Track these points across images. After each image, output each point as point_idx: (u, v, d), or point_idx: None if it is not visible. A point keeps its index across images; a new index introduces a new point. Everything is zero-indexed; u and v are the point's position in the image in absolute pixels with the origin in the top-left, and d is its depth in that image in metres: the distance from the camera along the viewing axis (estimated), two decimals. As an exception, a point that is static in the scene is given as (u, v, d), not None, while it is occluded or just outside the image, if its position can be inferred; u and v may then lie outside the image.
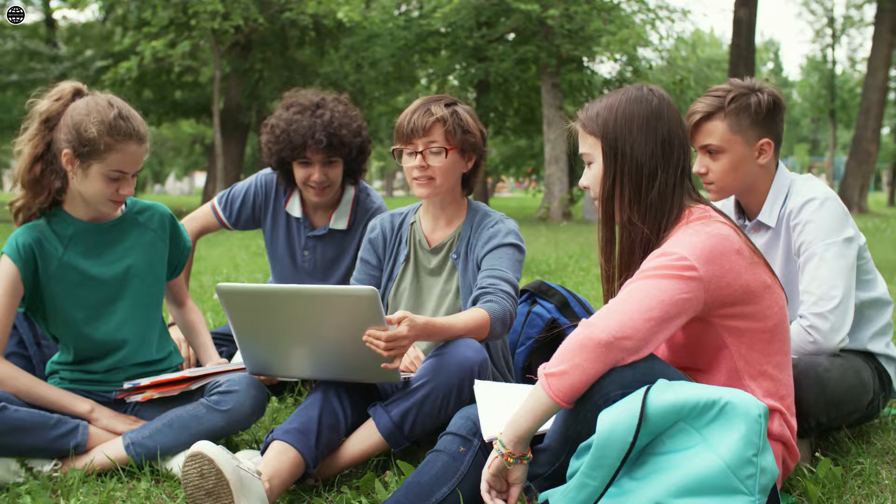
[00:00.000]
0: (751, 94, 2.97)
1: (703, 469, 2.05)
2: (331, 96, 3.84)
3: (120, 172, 2.85)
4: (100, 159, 2.81)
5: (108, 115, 2.81)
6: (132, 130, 2.84)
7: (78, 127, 2.80)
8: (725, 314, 2.31)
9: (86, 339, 2.98)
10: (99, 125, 2.79)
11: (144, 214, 3.11)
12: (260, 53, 23.04)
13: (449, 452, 2.49)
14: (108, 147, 2.80)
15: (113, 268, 3.01)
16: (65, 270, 2.94)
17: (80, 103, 2.85)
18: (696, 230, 2.30)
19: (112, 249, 3.02)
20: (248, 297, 2.69)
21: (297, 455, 2.64)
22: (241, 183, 4.08)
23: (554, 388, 2.16)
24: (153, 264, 3.10)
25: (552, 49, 17.91)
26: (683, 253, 2.23)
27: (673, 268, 2.22)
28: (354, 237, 3.95)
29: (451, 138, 3.04)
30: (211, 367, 3.05)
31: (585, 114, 2.47)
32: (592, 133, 2.44)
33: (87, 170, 2.83)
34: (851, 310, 2.84)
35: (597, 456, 2.10)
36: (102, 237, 3.01)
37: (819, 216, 2.93)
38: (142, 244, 3.08)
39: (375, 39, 20.36)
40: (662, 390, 2.13)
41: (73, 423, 2.87)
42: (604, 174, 2.42)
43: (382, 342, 2.55)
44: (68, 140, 2.81)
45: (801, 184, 3.05)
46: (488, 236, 3.10)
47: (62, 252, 2.94)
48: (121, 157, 2.83)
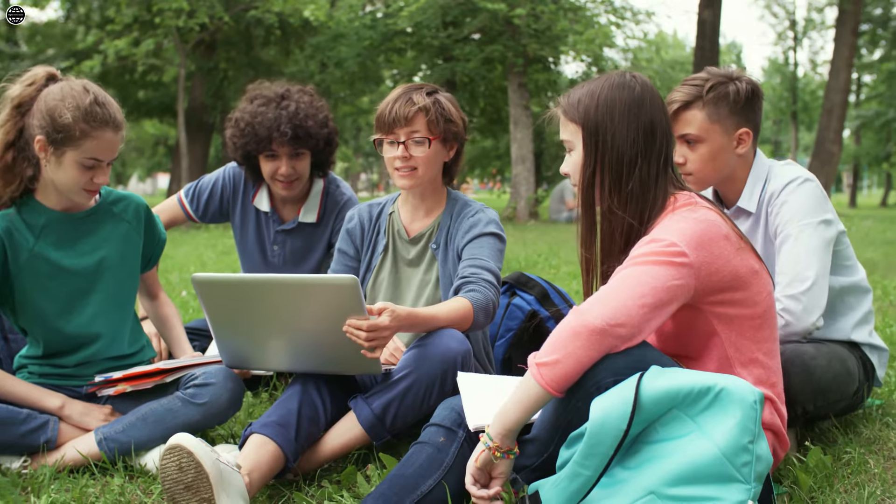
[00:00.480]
0: (729, 83, 2.94)
1: (697, 457, 2.01)
2: (295, 87, 3.76)
3: (95, 160, 2.76)
4: (74, 146, 2.71)
5: (84, 100, 2.71)
6: (108, 117, 2.75)
7: (52, 112, 2.70)
8: (715, 301, 2.27)
9: (56, 332, 2.88)
10: (74, 111, 2.69)
11: (119, 205, 3.02)
12: (224, 53, 22.82)
13: (433, 444, 2.43)
14: (84, 134, 2.70)
15: (85, 259, 2.91)
16: (36, 262, 2.84)
17: (55, 88, 2.76)
18: (683, 216, 2.26)
19: (85, 241, 2.92)
20: (225, 288, 2.61)
21: (277, 448, 2.57)
22: (209, 175, 3.99)
23: (546, 377, 2.11)
24: (127, 257, 3.00)
25: (519, 49, 17.89)
26: (673, 239, 2.19)
27: (663, 254, 2.17)
28: (325, 230, 3.88)
29: (433, 128, 2.98)
30: (186, 360, 2.96)
31: (567, 100, 2.42)
32: (573, 120, 2.39)
33: (61, 157, 2.73)
34: (825, 291, 2.80)
35: (590, 444, 2.05)
36: (75, 228, 2.91)
37: (795, 197, 2.90)
38: (116, 236, 2.98)
39: (341, 39, 20.23)
40: (656, 377, 2.08)
41: (43, 418, 2.78)
42: (584, 162, 2.37)
43: (363, 332, 2.49)
44: (42, 126, 2.71)
45: (779, 168, 3.02)
46: (469, 226, 3.04)
47: (33, 243, 2.84)
48: (96, 145, 2.73)
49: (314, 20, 18.04)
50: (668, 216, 2.29)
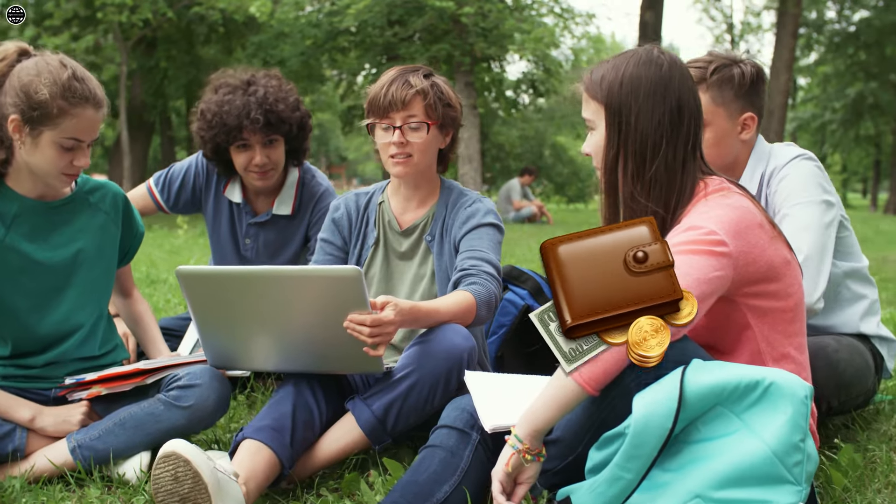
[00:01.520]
0: (733, 66, 2.81)
1: (746, 457, 1.87)
2: (261, 72, 3.54)
3: (75, 140, 2.52)
4: (52, 125, 2.47)
5: (62, 75, 2.48)
6: (88, 93, 2.51)
7: (27, 89, 2.46)
8: (749, 293, 2.12)
9: (27, 330, 2.64)
10: (51, 86, 2.45)
11: (96, 194, 2.78)
12: (165, 51, 22.32)
13: (446, 447, 2.25)
14: (62, 111, 2.47)
15: (60, 252, 2.67)
16: (6, 254, 2.59)
17: (29, 63, 2.51)
18: (717, 203, 2.11)
19: (60, 232, 2.68)
20: (212, 281, 2.41)
21: (272, 455, 2.38)
22: (180, 163, 3.75)
23: (585, 375, 1.94)
24: (104, 249, 2.77)
25: (466, 47, 17.75)
26: (712, 227, 2.03)
27: (703, 242, 2.02)
28: (300, 223, 3.66)
29: (431, 112, 2.79)
30: (168, 359, 2.73)
31: (590, 76, 2.25)
32: (595, 98, 2.22)
33: (38, 138, 2.49)
34: (824, 272, 2.65)
35: (633, 445, 1.89)
36: (50, 217, 2.66)
37: (795, 172, 2.78)
38: (92, 227, 2.74)
39: (284, 38, 19.91)
40: (699, 371, 1.94)
41: (9, 425, 2.55)
42: (606, 143, 2.20)
43: (367, 328, 2.30)
44: (15, 104, 2.47)
45: (780, 148, 2.90)
46: (466, 216, 2.87)
47: (4, 233, 2.59)
48: (76, 123, 2.49)
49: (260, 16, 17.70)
50: (701, 202, 2.14)
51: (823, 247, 2.68)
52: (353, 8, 17.37)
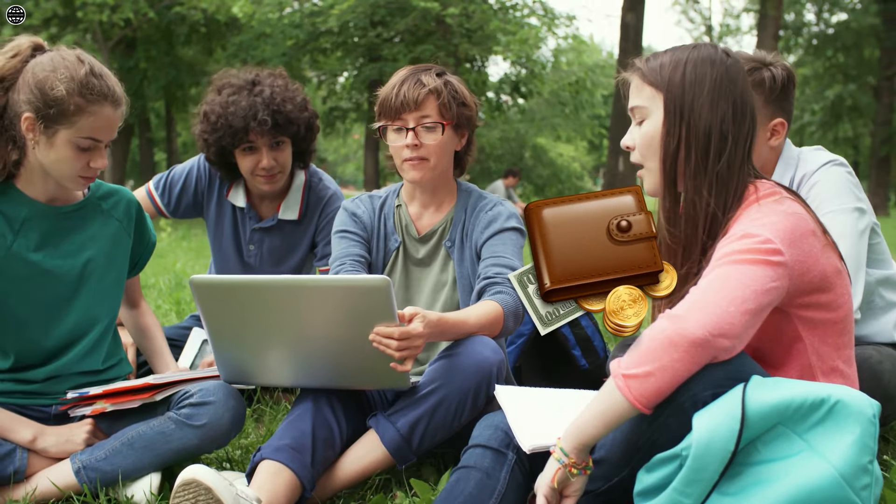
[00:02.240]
0: (763, 69, 2.69)
1: (812, 480, 1.75)
2: (265, 72, 3.40)
3: (92, 140, 2.37)
4: (68, 124, 2.33)
5: (79, 71, 2.33)
6: (107, 90, 2.37)
7: (42, 85, 2.31)
8: (802, 303, 2.00)
9: (31, 342, 2.48)
10: (68, 82, 2.30)
11: (109, 200, 2.63)
12: (144, 51, 22.08)
13: (481, 468, 2.11)
14: (79, 109, 2.32)
15: (70, 261, 2.52)
16: (13, 262, 2.44)
17: (44, 59, 2.37)
18: (771, 209, 1.98)
19: (70, 239, 2.53)
20: (228, 292, 2.26)
21: (293, 476, 2.24)
22: (181, 165, 3.59)
23: (635, 391, 1.81)
24: (115, 259, 2.61)
25: (451, 48, 17.64)
26: (768, 235, 1.91)
27: (760, 251, 1.89)
28: (307, 228, 3.52)
29: (445, 112, 2.65)
30: (180, 374, 2.58)
31: (647, 63, 2.11)
32: (653, 84, 2.07)
33: (53, 137, 2.34)
34: (859, 280, 2.56)
35: (694, 468, 1.77)
36: (60, 224, 2.51)
37: (826, 178, 2.67)
38: (104, 235, 2.59)
39: (266, 38, 19.73)
40: (760, 389, 1.81)
41: (9, 445, 2.39)
42: (666, 132, 2.05)
43: (395, 341, 2.17)
44: (29, 101, 2.32)
45: (809, 152, 2.79)
46: (488, 220, 2.73)
47: (11, 239, 2.43)
48: (93, 122, 2.35)
49: (243, 17, 17.51)
50: (753, 207, 2.01)
51: (859, 255, 2.58)
52: (336, 8, 17.20)
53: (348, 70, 21.77)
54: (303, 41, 19.69)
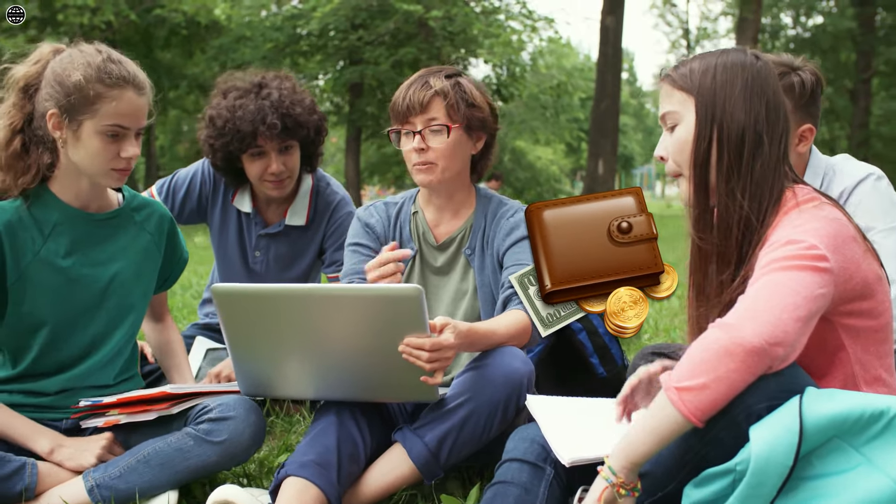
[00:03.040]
0: (791, 74, 2.63)
1: (872, 494, 1.69)
2: (271, 74, 3.32)
3: (118, 127, 2.29)
4: (91, 112, 2.26)
5: (96, 58, 2.28)
6: (126, 74, 2.30)
7: (60, 77, 2.26)
8: (844, 311, 1.94)
9: (48, 349, 2.40)
10: (85, 68, 2.25)
11: (142, 212, 2.55)
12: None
13: (518, 484, 2.04)
14: (99, 95, 2.25)
15: (98, 270, 2.43)
16: (40, 269, 2.35)
17: (62, 55, 2.33)
18: (812, 214, 1.92)
19: (100, 248, 2.45)
20: (252, 301, 2.18)
21: (320, 494, 2.17)
22: (184, 169, 3.50)
23: (690, 404, 1.74)
24: (143, 273, 2.54)
25: (433, 51, 17.59)
26: (813, 241, 1.85)
27: (806, 258, 1.82)
28: (314, 235, 3.44)
29: (453, 114, 2.57)
30: (198, 386, 2.49)
31: (676, 70, 2.06)
32: (683, 88, 2.02)
33: (79, 130, 2.28)
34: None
35: (752, 484, 1.70)
36: (92, 231, 2.43)
37: (872, 198, 2.61)
38: (135, 248, 2.51)
39: (246, 41, 19.61)
40: (816, 401, 1.75)
41: (18, 460, 2.28)
42: (697, 135, 2.00)
43: (426, 352, 2.10)
44: (50, 96, 2.27)
45: (843, 163, 2.73)
46: (510, 227, 2.64)
47: (41, 244, 2.35)
48: (115, 107, 2.27)
49: (224, 19, 17.39)
50: (794, 213, 1.95)
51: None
52: (319, 11, 17.11)
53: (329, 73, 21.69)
54: (283, 44, 19.59)
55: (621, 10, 21.43)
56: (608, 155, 20.35)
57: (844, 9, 29.21)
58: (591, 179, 20.03)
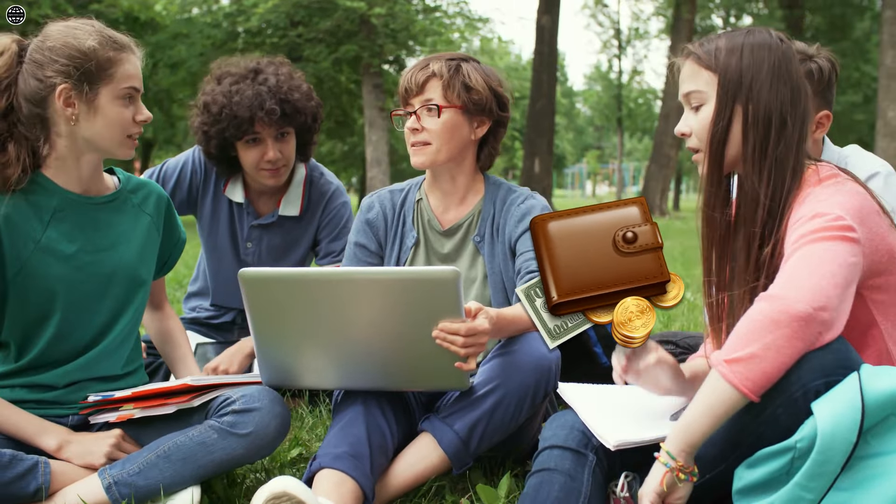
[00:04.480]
0: (808, 61, 2.65)
1: (933, 473, 1.69)
2: (265, 59, 3.25)
3: (133, 90, 2.27)
4: (108, 78, 2.22)
5: (96, 25, 2.28)
6: (125, 39, 2.31)
7: (69, 48, 2.19)
8: (873, 285, 1.96)
9: (57, 343, 2.30)
10: (97, 35, 2.23)
11: (139, 194, 2.46)
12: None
13: (563, 471, 2.02)
14: (111, 60, 2.23)
15: (101, 257, 2.33)
16: (41, 257, 2.25)
17: (49, 33, 2.25)
18: (836, 189, 1.94)
19: (102, 233, 2.35)
20: (280, 286, 2.11)
21: (356, 486, 2.11)
22: (174, 158, 3.40)
23: (741, 376, 1.73)
24: (145, 257, 2.44)
25: (375, 49, 17.47)
26: (839, 212, 1.86)
27: (834, 228, 1.84)
28: (308, 225, 3.37)
29: (449, 95, 2.54)
30: (219, 377, 2.40)
31: (701, 47, 2.05)
32: (709, 67, 2.02)
33: (95, 100, 2.22)
34: None
35: (819, 462, 1.70)
36: (93, 216, 2.34)
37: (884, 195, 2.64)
38: (136, 231, 2.42)
39: (183, 38, 19.28)
40: (874, 377, 1.75)
41: (31, 459, 2.16)
42: (716, 113, 2.00)
43: (461, 337, 2.06)
44: (59, 71, 2.19)
45: (856, 156, 2.76)
46: (521, 214, 2.62)
47: (41, 232, 2.25)
48: (127, 69, 2.26)
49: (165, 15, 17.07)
50: (818, 188, 1.96)
51: None
52: (261, 7, 16.88)
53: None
54: (220, 41, 19.30)
55: (557, 9, 21.55)
56: (544, 154, 20.46)
57: (773, 10, 29.79)
58: (527, 178, 20.10)
